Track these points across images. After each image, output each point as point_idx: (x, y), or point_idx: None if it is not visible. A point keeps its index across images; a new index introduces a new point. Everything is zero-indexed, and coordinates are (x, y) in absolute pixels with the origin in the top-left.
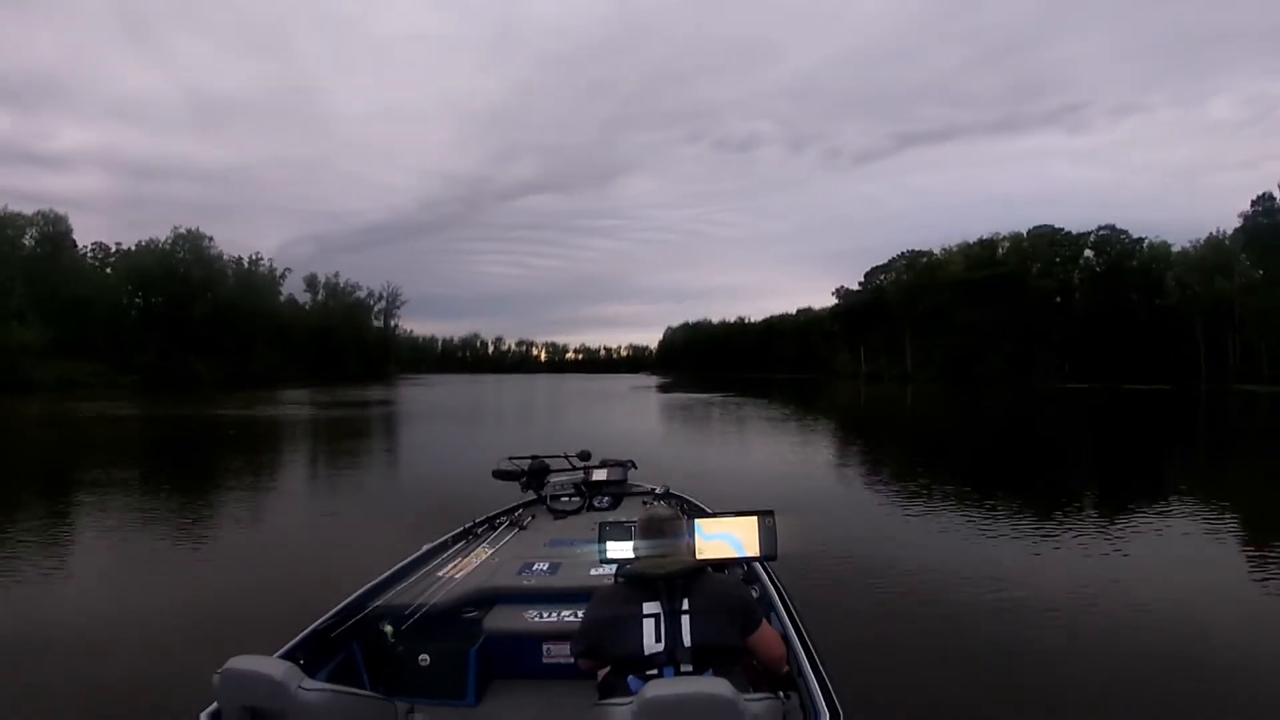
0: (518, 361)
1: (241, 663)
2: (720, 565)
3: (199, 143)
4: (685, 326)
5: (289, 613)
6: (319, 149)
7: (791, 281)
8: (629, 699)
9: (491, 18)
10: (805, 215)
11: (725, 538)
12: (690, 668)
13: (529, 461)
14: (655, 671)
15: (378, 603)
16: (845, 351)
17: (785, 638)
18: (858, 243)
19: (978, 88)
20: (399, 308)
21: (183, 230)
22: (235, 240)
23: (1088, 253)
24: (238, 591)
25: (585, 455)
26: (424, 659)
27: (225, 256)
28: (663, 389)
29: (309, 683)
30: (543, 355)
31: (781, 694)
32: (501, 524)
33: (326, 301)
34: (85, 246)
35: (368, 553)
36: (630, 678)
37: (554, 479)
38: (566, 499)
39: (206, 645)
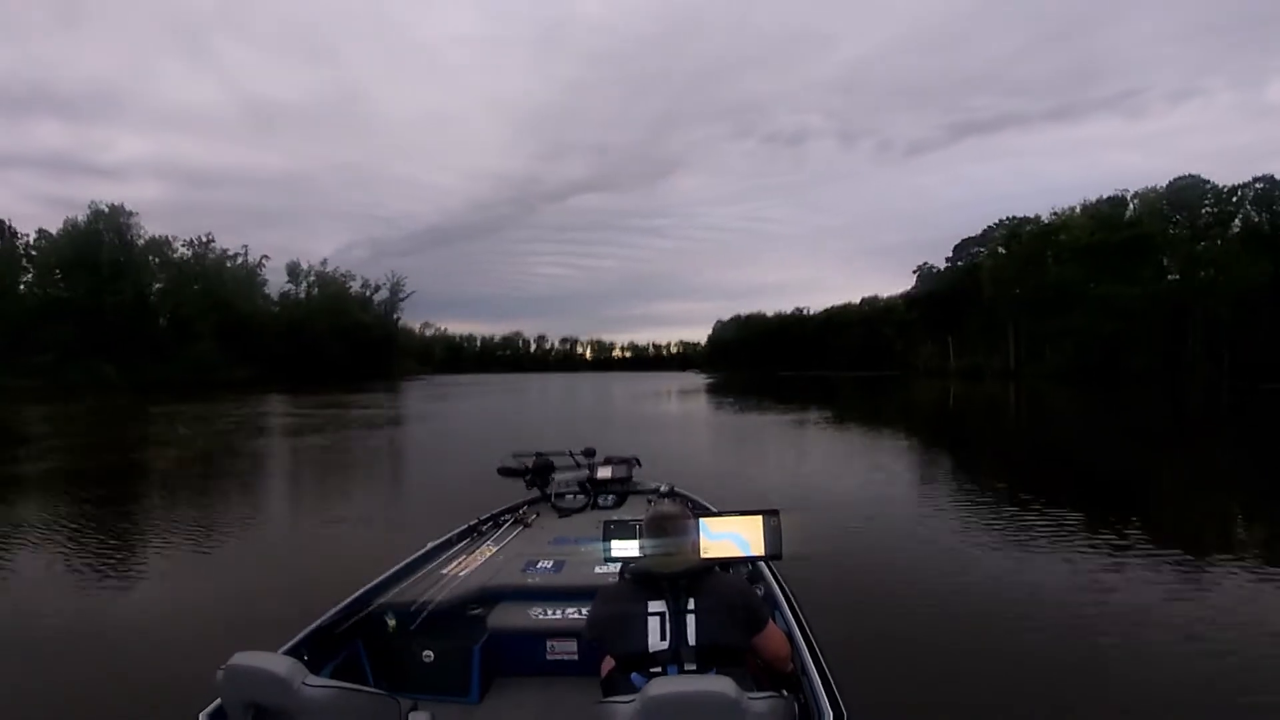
0: (561, 360)
1: (245, 659)
2: (725, 564)
3: (254, 149)
4: (736, 320)
5: None
6: (371, 153)
7: (846, 277)
8: (632, 696)
9: (536, 18)
10: (858, 209)
11: (730, 537)
12: (694, 667)
13: (534, 459)
14: (659, 670)
15: (382, 599)
16: (929, 344)
17: (790, 636)
18: (913, 235)
19: (1032, 74)
20: (403, 299)
21: (103, 207)
22: (291, 245)
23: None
24: None
25: (590, 453)
26: (428, 656)
27: (178, 241)
28: (711, 392)
29: (312, 679)
30: (588, 353)
31: (785, 693)
32: (506, 521)
33: (309, 293)
34: (25, 235)
35: None
36: (634, 675)
37: (559, 477)
38: (571, 497)
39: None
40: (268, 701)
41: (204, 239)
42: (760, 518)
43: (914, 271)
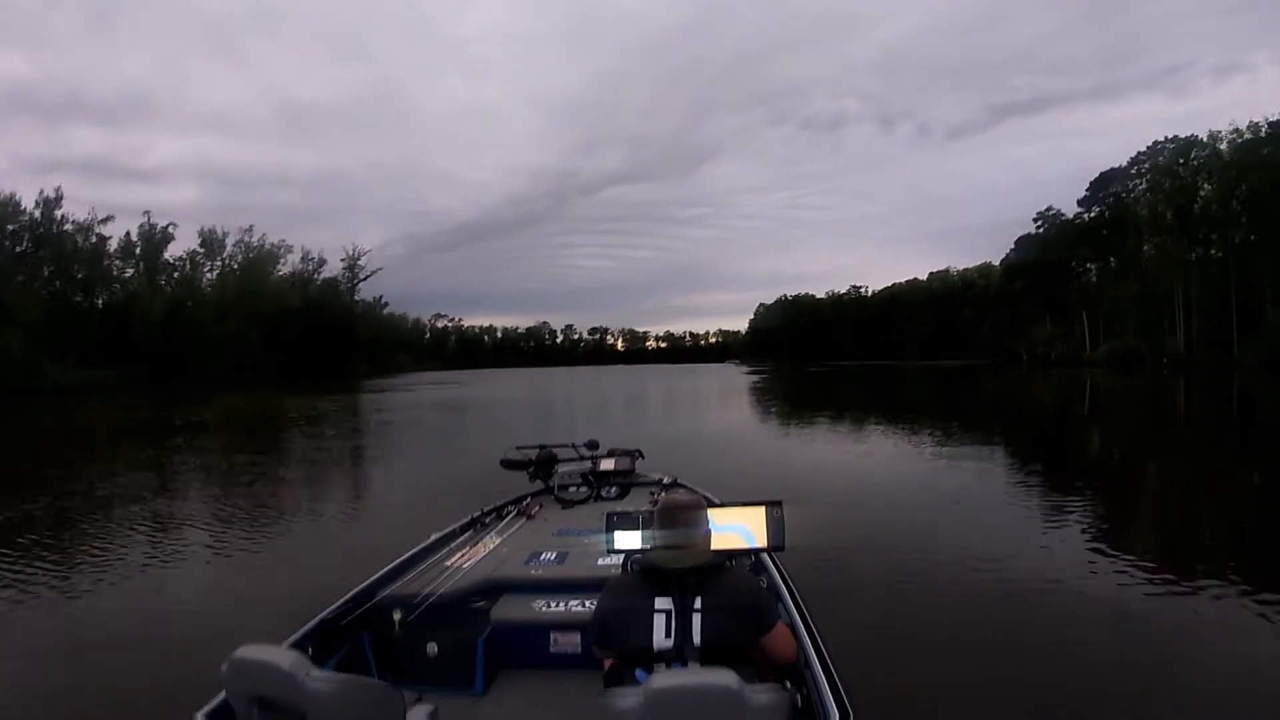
0: (591, 352)
1: (250, 651)
2: (728, 556)
3: (290, 149)
4: (782, 303)
5: None
6: (407, 150)
7: (890, 263)
8: (636, 689)
9: (568, 10)
10: (899, 195)
11: (734, 528)
12: (698, 666)
13: (537, 451)
14: (663, 666)
15: (386, 592)
16: (1047, 324)
17: (792, 629)
18: (955, 220)
19: (1073, 52)
20: (364, 278)
21: None
22: (331, 244)
23: None
24: None
25: (593, 445)
26: (432, 648)
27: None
28: (771, 404)
29: (317, 672)
30: (619, 344)
31: (788, 684)
32: (509, 513)
33: (224, 269)
34: None
35: None
36: (637, 671)
37: (562, 469)
38: (574, 489)
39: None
40: (273, 694)
41: (52, 195)
42: (763, 509)
43: (1034, 219)
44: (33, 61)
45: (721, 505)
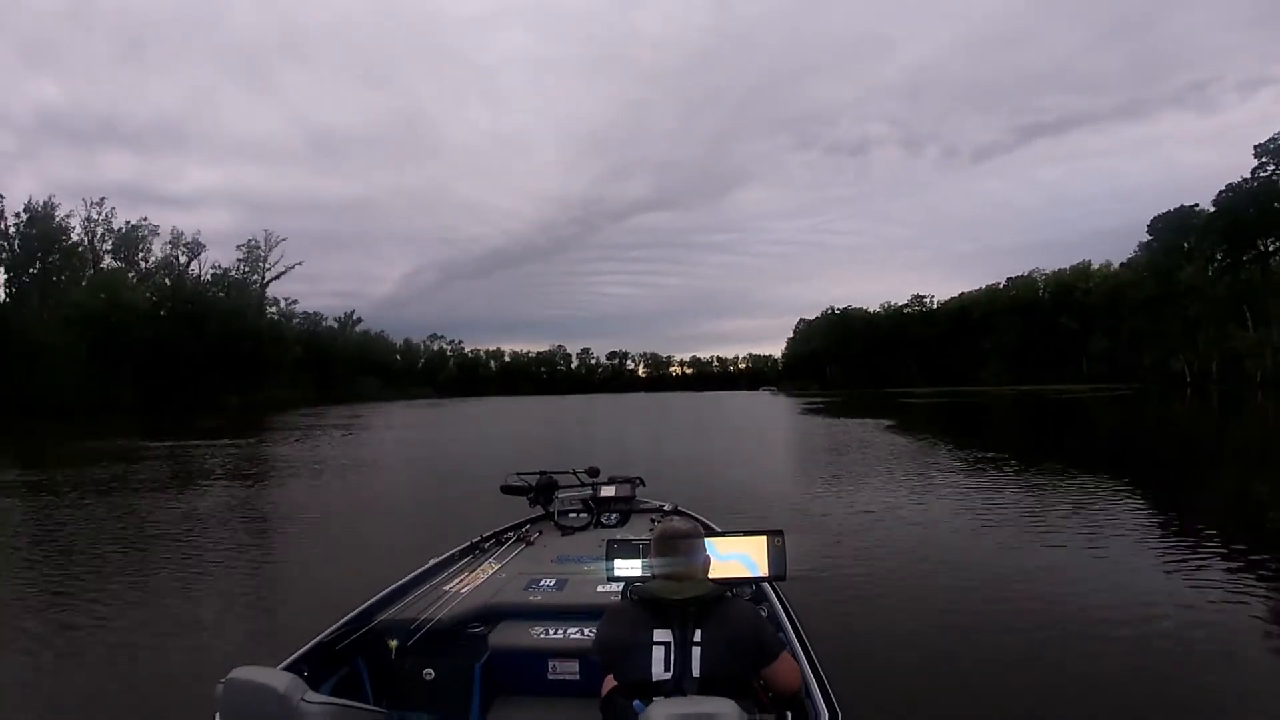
0: (608, 378)
1: (244, 674)
2: (729, 585)
3: (320, 176)
4: (827, 317)
5: None
6: (435, 178)
7: (922, 286)
8: (633, 718)
9: (593, 38)
10: (926, 218)
11: (735, 557)
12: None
13: (537, 477)
14: (661, 698)
15: (383, 616)
16: (1249, 328)
17: (793, 657)
18: (985, 243)
19: (1099, 70)
20: (273, 275)
21: None
22: (360, 270)
23: None
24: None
25: (594, 471)
26: (428, 674)
27: None
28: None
29: (312, 695)
30: (640, 370)
31: (789, 715)
32: (508, 539)
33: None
34: None
35: None
36: (635, 702)
37: (562, 495)
38: (574, 515)
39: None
40: (266, 717)
41: None
42: (765, 538)
43: (1254, 153)
44: (66, 88)
45: (723, 534)
